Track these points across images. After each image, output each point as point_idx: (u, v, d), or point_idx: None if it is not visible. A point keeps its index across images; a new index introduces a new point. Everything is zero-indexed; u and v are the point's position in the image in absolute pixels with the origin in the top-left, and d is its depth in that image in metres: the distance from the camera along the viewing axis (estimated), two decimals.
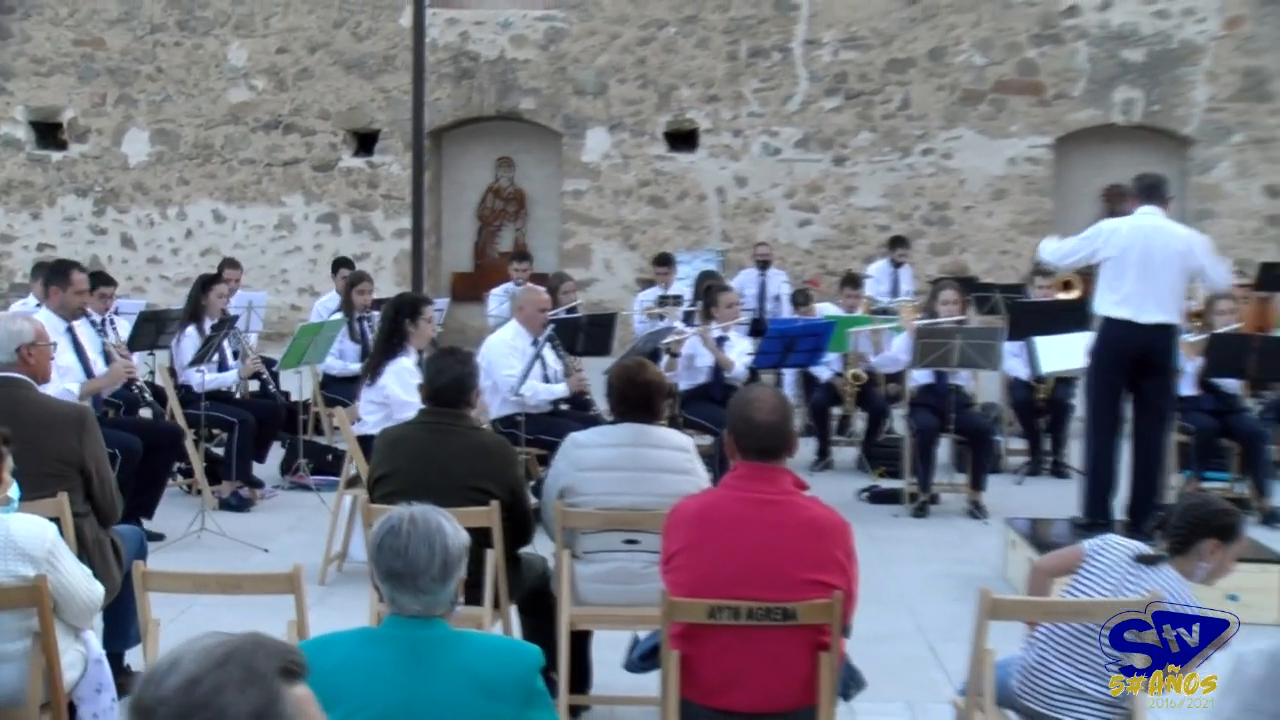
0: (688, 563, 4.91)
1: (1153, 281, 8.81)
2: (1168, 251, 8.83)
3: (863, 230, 19.54)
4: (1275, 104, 19.37)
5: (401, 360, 8.99)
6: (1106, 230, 9.03)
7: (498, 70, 19.94)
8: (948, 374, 11.09)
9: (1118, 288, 8.88)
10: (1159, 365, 8.99)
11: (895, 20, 19.53)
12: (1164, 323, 8.86)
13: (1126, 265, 8.83)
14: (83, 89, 20.36)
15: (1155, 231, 8.87)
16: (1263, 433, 11.15)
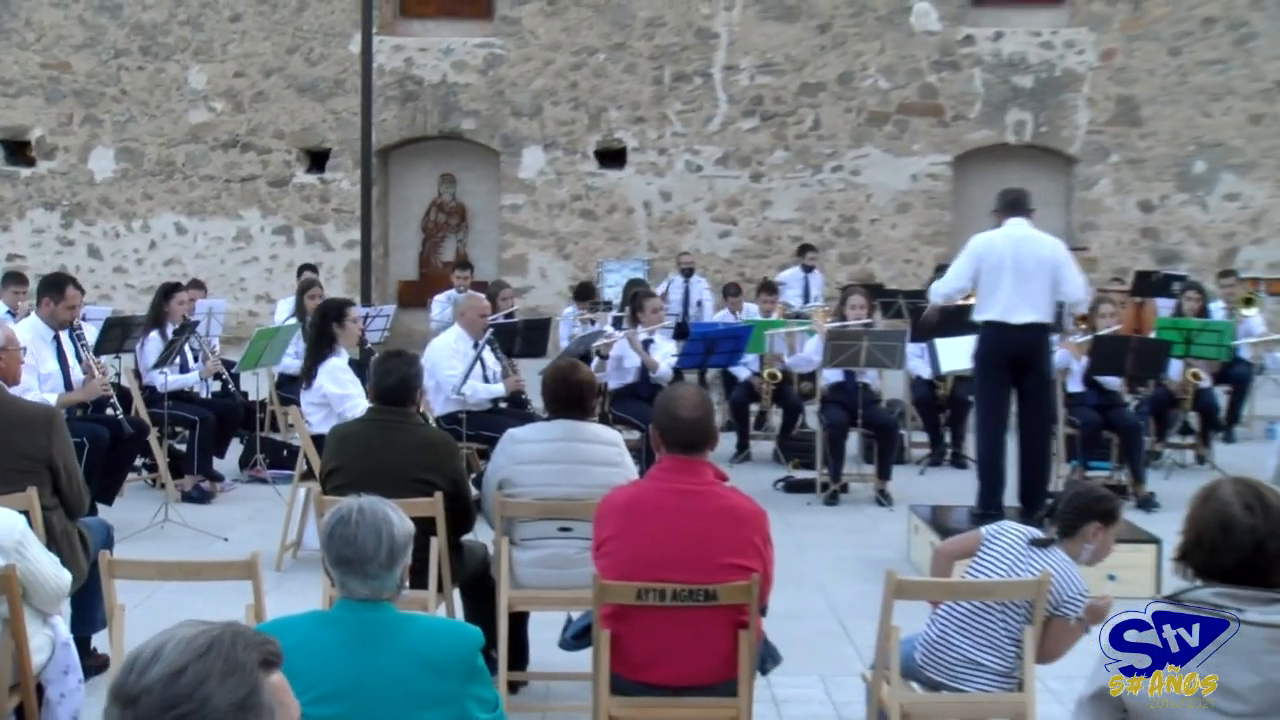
0: (617, 549, 4.92)
1: (1023, 285, 8.91)
2: (1036, 258, 8.94)
3: (778, 241, 19.60)
4: (1146, 128, 19.61)
5: (332, 361, 8.98)
6: (980, 244, 9.13)
7: (440, 93, 19.89)
8: (856, 373, 11.17)
9: (992, 294, 8.99)
10: (1034, 363, 9.09)
11: (807, 48, 19.61)
12: (1035, 322, 8.96)
13: (1000, 273, 8.94)
14: (50, 109, 20.12)
15: (1023, 240, 8.98)
16: (1140, 426, 11.32)
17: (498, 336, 10.61)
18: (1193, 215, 19.77)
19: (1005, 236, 9.04)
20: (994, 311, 8.97)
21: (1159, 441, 12.34)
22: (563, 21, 19.69)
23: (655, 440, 5.09)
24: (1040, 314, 8.98)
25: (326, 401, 8.81)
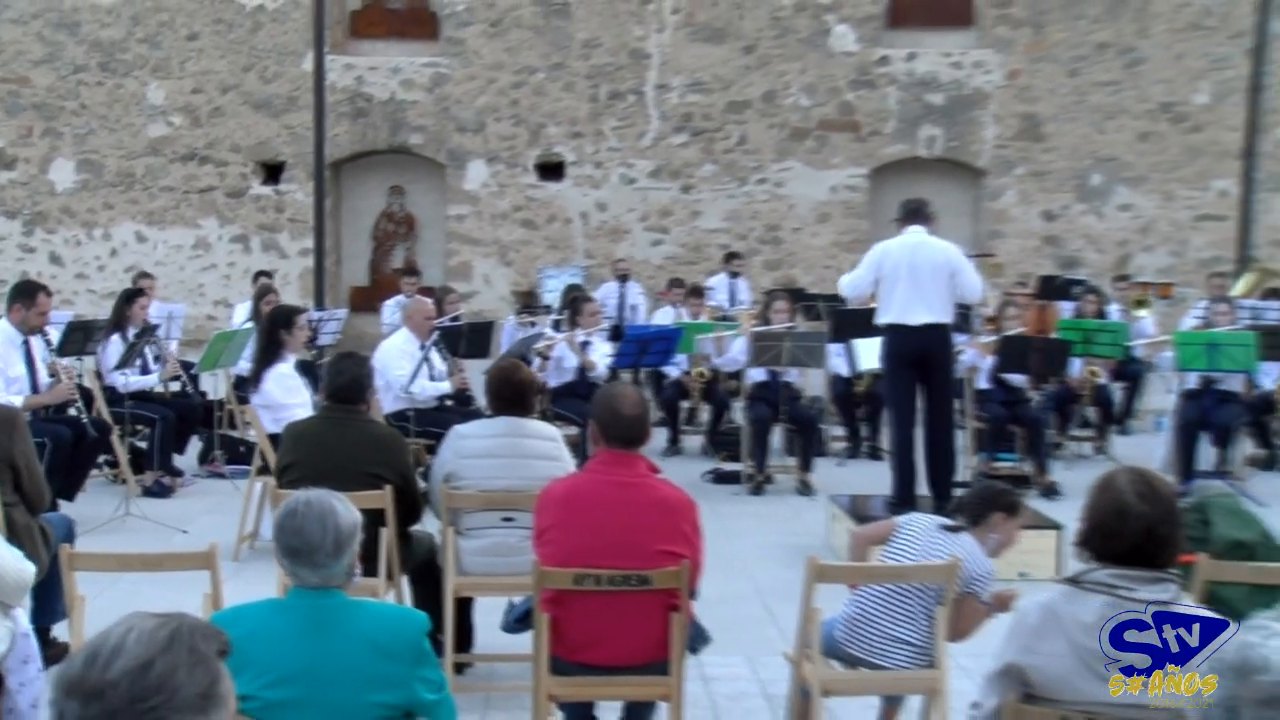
0: (556, 537, 4.92)
1: (920, 289, 8.98)
2: (931, 263, 9.02)
3: (707, 249, 19.63)
4: (1048, 143, 19.80)
5: (279, 367, 8.96)
6: (880, 252, 9.21)
7: (389, 110, 19.80)
8: (779, 372, 11.23)
9: (890, 298, 9.07)
10: (937, 361, 9.16)
11: (733, 68, 19.66)
12: (934, 323, 9.02)
13: (896, 278, 9.01)
14: (10, 122, 19.86)
15: (919, 246, 9.06)
16: (1043, 420, 11.44)
17: (444, 338, 10.63)
18: (1090, 224, 19.98)
19: (901, 244, 9.12)
20: (893, 315, 9.06)
21: (1061, 434, 12.49)
22: (505, 42, 19.65)
23: (595, 435, 5.09)
24: (937, 315, 9.04)
25: (270, 404, 8.79)
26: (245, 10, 19.61)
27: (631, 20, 19.62)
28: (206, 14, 19.61)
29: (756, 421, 11.09)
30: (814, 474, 11.16)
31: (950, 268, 9.08)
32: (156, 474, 10.55)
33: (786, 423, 11.35)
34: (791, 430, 11.50)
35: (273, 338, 9.10)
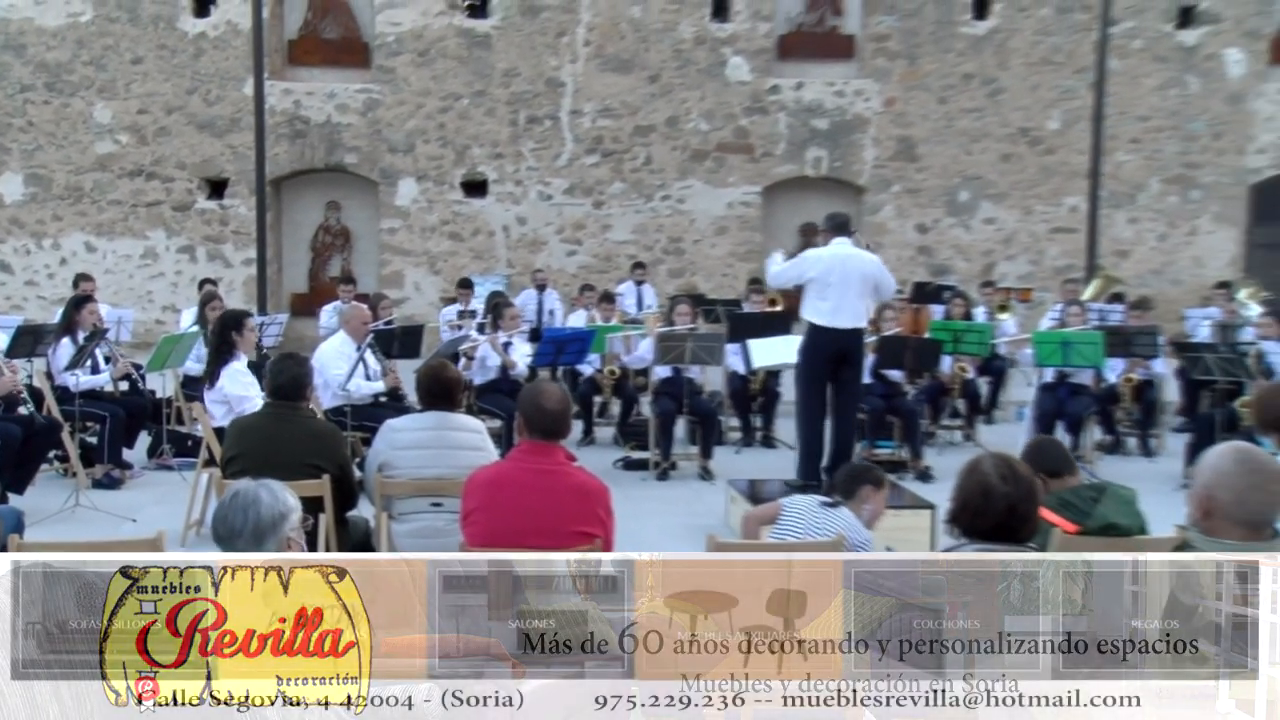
0: (481, 519, 4.92)
1: (846, 295, 9.06)
2: (860, 272, 9.11)
3: (616, 259, 19.62)
4: (921, 164, 19.99)
5: (233, 364, 8.84)
6: (812, 258, 9.28)
7: (325, 131, 19.58)
8: (682, 369, 11.26)
9: (820, 301, 9.12)
10: (853, 359, 9.25)
11: (640, 95, 19.66)
12: (856, 327, 9.13)
13: (827, 284, 9.07)
14: None
15: (848, 258, 9.14)
16: (917, 411, 11.61)
17: (378, 340, 10.56)
18: (959, 236, 20.21)
19: (833, 254, 9.19)
20: (820, 317, 9.12)
21: (933, 423, 12.59)
22: (431, 71, 19.51)
23: (520, 426, 5.13)
24: (859, 320, 9.20)
25: (227, 400, 8.66)
26: (188, 37, 19.25)
27: (547, 51, 19.55)
28: (150, 40, 19.21)
29: (662, 414, 11.11)
30: (713, 461, 11.19)
31: (875, 278, 9.22)
32: (106, 467, 10.35)
33: (689, 415, 11.39)
34: (693, 421, 11.54)
35: (225, 339, 9.00)
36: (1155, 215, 20.26)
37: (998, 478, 3.55)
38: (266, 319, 13.77)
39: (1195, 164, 20.17)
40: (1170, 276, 20.09)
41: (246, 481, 3.63)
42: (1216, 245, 20.32)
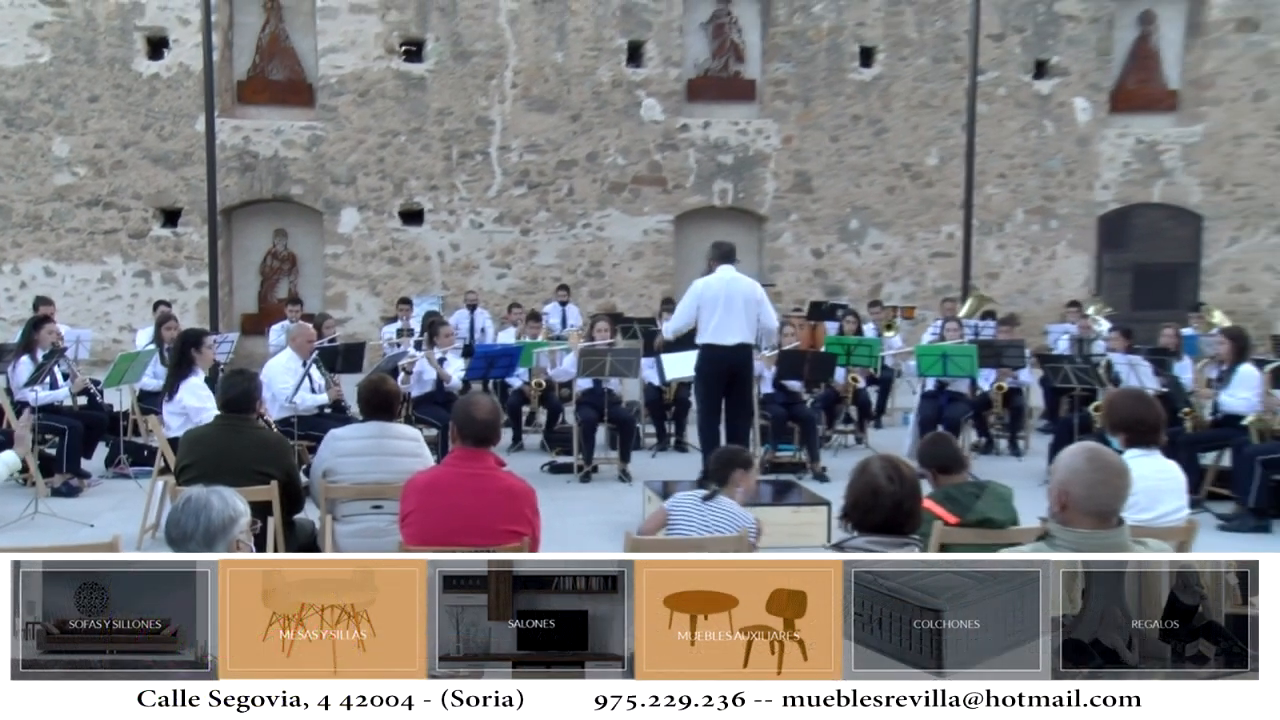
0: (418, 520, 4.90)
1: (732, 315, 9.17)
2: (742, 295, 9.24)
3: (543, 281, 19.61)
4: (816, 195, 20.21)
5: (191, 379, 8.78)
6: (698, 289, 9.38)
7: (273, 165, 19.38)
8: (603, 381, 11.27)
9: (709, 322, 9.24)
10: (741, 372, 9.34)
11: (562, 133, 19.69)
12: (742, 343, 9.22)
13: (714, 307, 9.19)
14: None
15: (732, 281, 9.26)
16: (814, 417, 11.72)
17: (322, 357, 10.51)
18: (850, 259, 20.44)
19: (718, 279, 9.29)
20: (710, 336, 9.23)
21: (829, 428, 12.73)
22: (372, 110, 19.40)
23: (454, 434, 5.11)
24: (745, 337, 9.27)
25: (185, 411, 8.56)
26: (142, 77, 18.95)
27: (478, 93, 19.52)
28: (106, 79, 18.89)
29: (584, 422, 11.13)
30: (631, 464, 11.20)
31: (756, 300, 9.33)
32: (65, 476, 10.17)
33: (608, 423, 11.40)
34: (612, 428, 11.56)
35: (185, 355, 8.94)
36: (1020, 242, 20.66)
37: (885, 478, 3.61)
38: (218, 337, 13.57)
39: (1052, 197, 20.61)
40: (1033, 296, 20.50)
41: (199, 488, 3.58)
42: (1072, 269, 20.77)
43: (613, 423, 11.41)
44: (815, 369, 11.75)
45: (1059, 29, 20.33)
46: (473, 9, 19.42)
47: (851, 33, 20.03)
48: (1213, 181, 20.78)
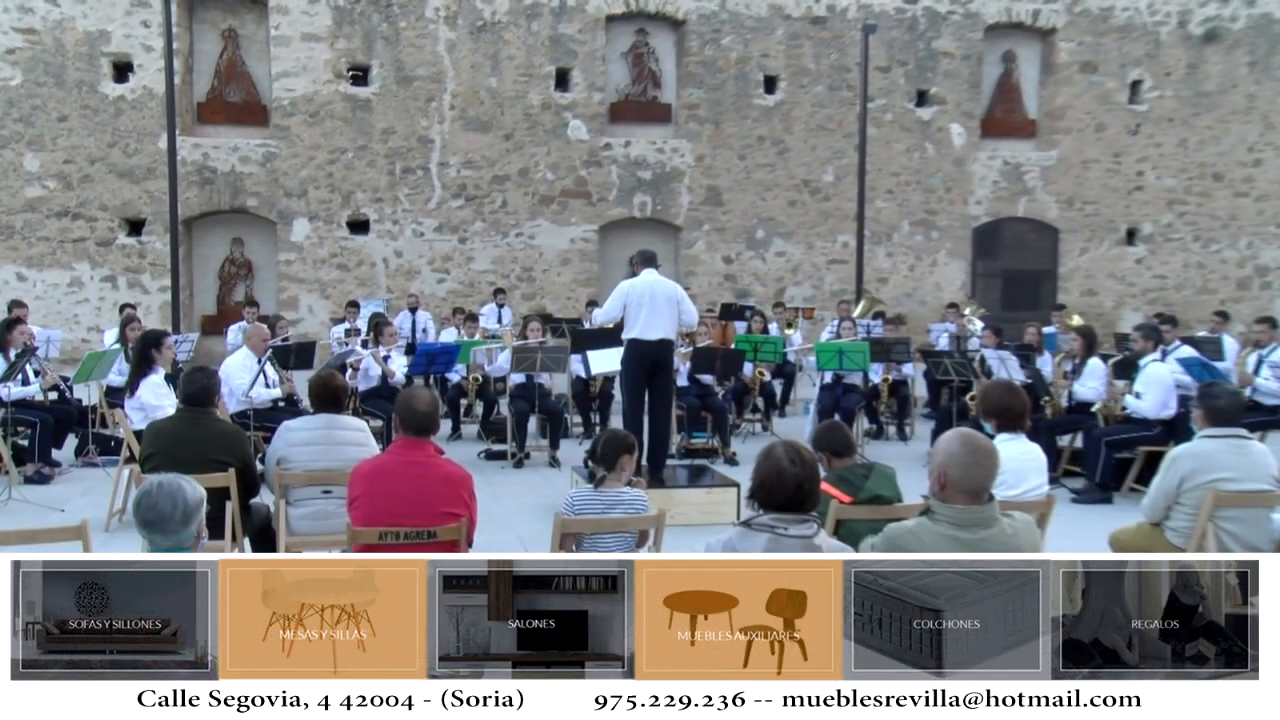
0: (365, 504, 4.86)
1: (655, 314, 9.16)
2: (665, 295, 9.23)
3: (479, 285, 19.50)
4: (725, 207, 20.32)
5: (152, 377, 8.64)
6: (625, 289, 9.36)
7: (230, 179, 19.05)
8: (534, 375, 11.25)
9: (635, 320, 9.22)
10: (663, 366, 9.35)
11: (497, 150, 19.59)
12: (664, 339, 9.22)
13: (640, 306, 9.17)
14: None
15: (655, 283, 9.25)
16: (725, 408, 11.73)
17: (276, 355, 10.40)
18: (757, 265, 20.59)
19: (643, 281, 9.28)
20: (636, 332, 9.22)
21: (738, 417, 12.80)
22: (321, 129, 19.15)
23: (396, 425, 5.06)
24: (667, 333, 9.28)
25: (144, 407, 8.44)
26: (109, 99, 18.54)
27: (419, 114, 19.35)
28: (74, 100, 18.44)
29: (517, 413, 11.11)
30: (560, 451, 11.22)
31: (677, 299, 9.34)
32: (37, 465, 9.99)
33: (539, 413, 11.37)
34: (543, 419, 11.52)
35: (145, 354, 8.78)
36: (906, 250, 20.95)
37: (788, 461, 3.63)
38: (180, 337, 13.35)
39: (933, 211, 20.93)
40: (917, 298, 20.80)
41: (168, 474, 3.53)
42: (950, 274, 21.11)
43: (543, 414, 11.38)
44: (726, 364, 11.81)
45: (936, 64, 20.65)
46: (414, 38, 19.26)
47: (757, 63, 20.16)
48: (1066, 199, 21.27)
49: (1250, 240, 21.83)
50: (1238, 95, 21.38)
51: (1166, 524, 5.98)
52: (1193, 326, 17.82)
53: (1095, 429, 9.78)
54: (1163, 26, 21.15)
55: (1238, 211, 21.72)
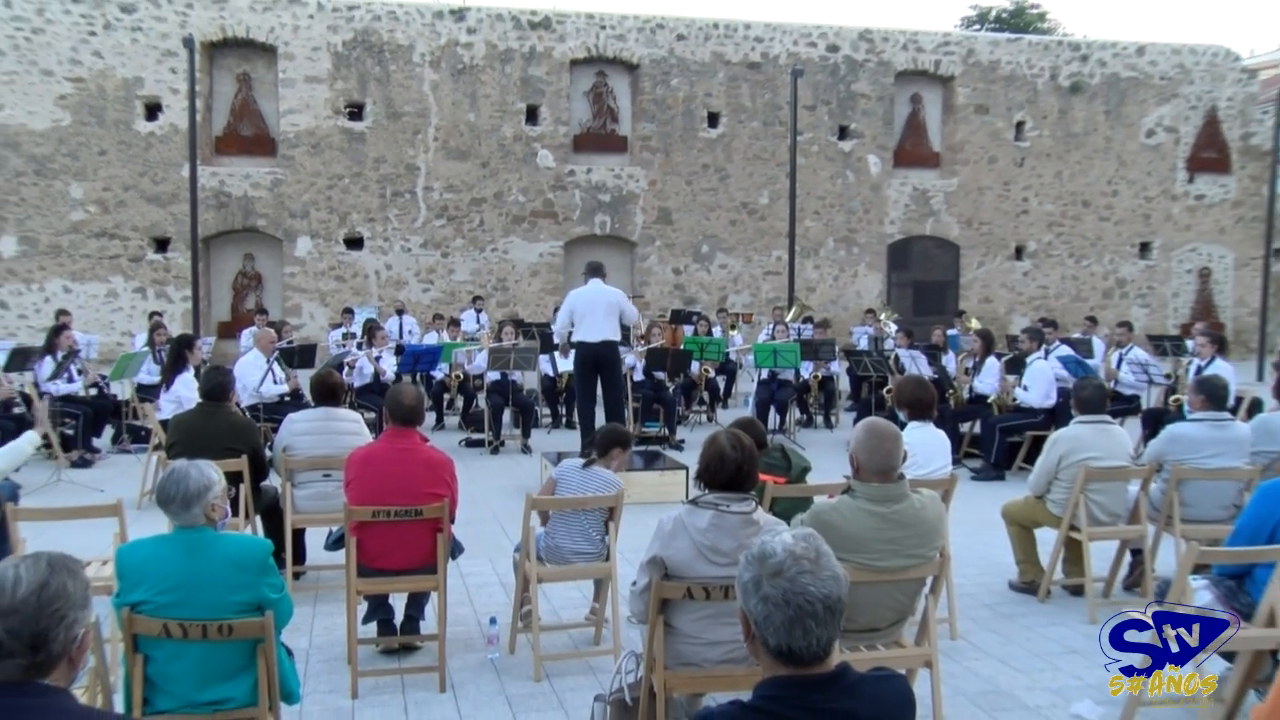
0: (358, 485, 4.84)
1: (596, 318, 9.21)
2: (606, 302, 9.28)
3: (459, 293, 19.40)
4: (675, 226, 20.36)
5: (185, 374, 8.63)
6: (573, 295, 9.44)
7: (243, 202, 18.82)
8: (508, 373, 11.20)
9: (580, 323, 9.27)
10: (609, 362, 9.35)
11: (474, 176, 19.49)
12: (608, 339, 9.24)
13: (585, 312, 9.23)
14: None
15: (598, 291, 9.30)
16: (675, 400, 11.74)
17: (282, 355, 10.31)
18: (702, 277, 20.63)
19: (588, 289, 9.32)
20: (582, 334, 9.23)
21: (686, 409, 12.82)
22: (321, 159, 18.96)
23: (386, 417, 5.05)
24: (610, 334, 9.29)
25: (179, 399, 8.39)
26: (140, 135, 18.28)
27: (407, 145, 19.22)
28: (112, 137, 18.19)
29: (493, 406, 11.07)
30: (531, 439, 11.18)
31: (618, 304, 9.34)
32: (80, 452, 9.95)
33: (513, 407, 11.36)
34: (516, 411, 11.51)
35: (179, 354, 8.84)
36: (831, 263, 21.08)
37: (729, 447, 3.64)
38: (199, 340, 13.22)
39: (854, 229, 21.08)
40: (841, 305, 20.94)
41: (181, 461, 3.52)
42: (869, 284, 21.27)
43: (516, 407, 11.35)
44: (676, 362, 11.84)
45: (855, 103, 20.79)
46: (403, 79, 19.11)
47: (701, 101, 20.20)
48: (965, 220, 21.51)
49: (1112, 257, 22.26)
50: (1098, 137, 21.84)
51: (1048, 497, 6.07)
52: (1069, 329, 18.09)
53: (990, 417, 9.89)
54: (1039, 78, 21.53)
55: (1102, 233, 22.13)
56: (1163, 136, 22.17)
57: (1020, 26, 34.88)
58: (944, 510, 3.93)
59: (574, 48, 19.71)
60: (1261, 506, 4.25)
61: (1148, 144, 22.12)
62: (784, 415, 11.98)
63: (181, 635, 3.26)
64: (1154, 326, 21.71)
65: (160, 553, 3.36)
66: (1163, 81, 22.06)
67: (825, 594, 1.99)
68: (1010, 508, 6.30)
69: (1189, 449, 5.87)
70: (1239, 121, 22.44)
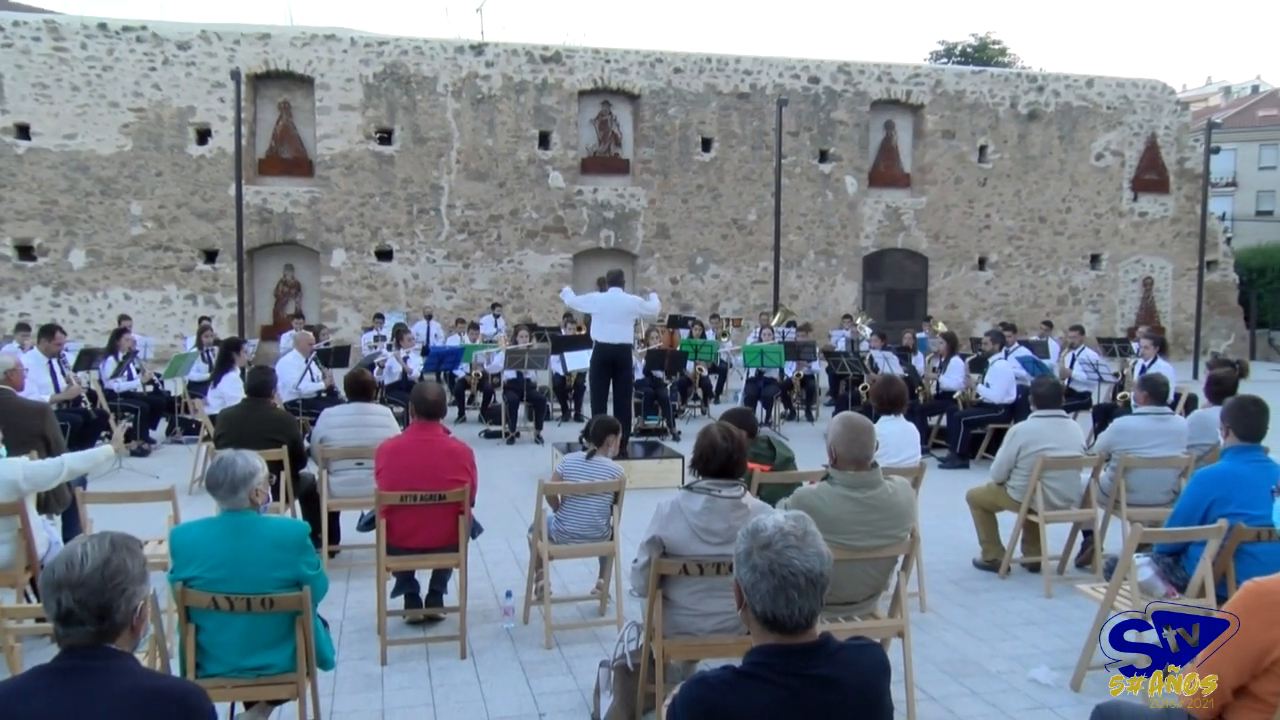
0: (388, 473, 4.84)
1: (617, 323, 9.17)
2: (623, 307, 9.24)
3: (479, 301, 19.37)
4: (672, 240, 20.32)
5: (233, 373, 8.65)
6: (597, 298, 9.38)
7: (283, 218, 18.80)
8: (523, 372, 11.21)
9: (600, 326, 9.22)
10: (623, 363, 9.33)
11: (493, 195, 19.47)
12: (623, 342, 9.21)
13: (605, 315, 9.18)
14: (45, 227, 17.89)
15: (617, 297, 9.26)
16: (672, 396, 11.75)
17: (319, 356, 10.31)
18: (697, 286, 20.60)
19: (607, 296, 9.30)
20: (601, 336, 9.20)
21: (682, 404, 12.84)
22: (355, 179, 18.94)
23: (412, 411, 5.06)
24: (625, 338, 9.27)
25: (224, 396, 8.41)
26: (192, 158, 18.27)
27: (431, 167, 19.20)
28: (167, 160, 18.19)
29: (509, 402, 11.07)
30: (543, 431, 11.19)
31: (634, 309, 9.33)
32: (139, 442, 9.99)
33: (527, 402, 11.36)
34: (530, 406, 11.51)
35: (227, 356, 8.87)
36: (812, 273, 21.05)
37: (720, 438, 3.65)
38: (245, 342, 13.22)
39: (833, 243, 21.05)
40: (821, 311, 20.92)
41: (228, 451, 3.53)
42: (846, 293, 21.24)
43: (530, 402, 11.36)
44: (673, 362, 11.86)
45: (834, 129, 20.77)
46: (428, 108, 19.10)
47: (696, 128, 20.18)
48: (933, 235, 21.48)
49: (1065, 268, 22.23)
50: (1053, 160, 21.82)
51: (1008, 484, 6.06)
52: (1027, 332, 18.05)
53: (956, 412, 9.88)
54: (1000, 106, 21.51)
55: (1057, 246, 22.10)
56: (1110, 160, 22.18)
57: (983, 60, 34.87)
58: (914, 495, 3.92)
59: (582, 80, 19.70)
60: (1196, 491, 4.27)
61: (1097, 166, 22.13)
62: (769, 409, 12.00)
63: (228, 607, 3.27)
64: (1103, 330, 21.72)
65: (209, 533, 3.36)
66: (1109, 111, 22.07)
67: (808, 568, 1.99)
68: (974, 493, 6.30)
69: (1134, 440, 5.87)
70: (1175, 147, 22.46)
